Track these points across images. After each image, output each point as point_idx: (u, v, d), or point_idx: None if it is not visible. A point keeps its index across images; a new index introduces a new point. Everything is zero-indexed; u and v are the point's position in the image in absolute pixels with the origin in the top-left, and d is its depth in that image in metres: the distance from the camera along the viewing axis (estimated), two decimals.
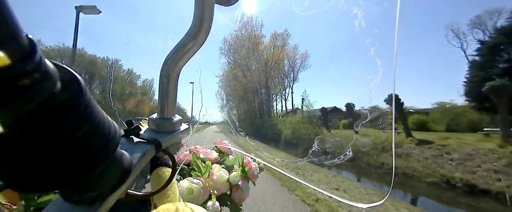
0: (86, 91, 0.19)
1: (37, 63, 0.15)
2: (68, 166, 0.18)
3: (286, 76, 35.38)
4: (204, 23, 0.36)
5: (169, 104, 0.41)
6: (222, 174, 0.79)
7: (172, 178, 0.41)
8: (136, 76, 39.48)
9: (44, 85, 0.15)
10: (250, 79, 34.21)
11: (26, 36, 0.14)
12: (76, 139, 0.18)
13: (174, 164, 0.41)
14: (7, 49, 0.13)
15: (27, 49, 0.14)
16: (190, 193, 0.68)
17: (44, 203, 0.52)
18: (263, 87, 34.15)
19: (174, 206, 0.40)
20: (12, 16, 0.13)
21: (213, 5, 0.37)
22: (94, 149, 0.20)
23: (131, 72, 38.06)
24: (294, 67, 34.65)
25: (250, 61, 34.03)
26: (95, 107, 0.20)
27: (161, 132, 0.39)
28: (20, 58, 0.14)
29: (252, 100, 36.19)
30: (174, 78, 0.40)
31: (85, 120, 0.18)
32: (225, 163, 0.90)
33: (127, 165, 0.26)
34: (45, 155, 0.17)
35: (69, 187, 0.22)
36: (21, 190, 0.18)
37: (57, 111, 0.16)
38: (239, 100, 37.15)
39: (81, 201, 0.24)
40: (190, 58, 0.40)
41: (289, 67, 34.85)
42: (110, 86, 1.79)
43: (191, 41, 0.37)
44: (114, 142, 0.22)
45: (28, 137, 0.16)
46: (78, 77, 0.18)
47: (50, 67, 0.16)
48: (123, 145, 0.31)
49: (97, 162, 0.20)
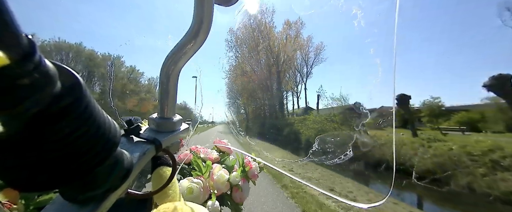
0: (86, 90, 0.19)
1: (37, 63, 0.15)
2: (69, 165, 0.18)
3: (298, 71, 30.25)
4: (204, 23, 0.36)
5: (169, 104, 0.41)
6: (222, 174, 0.80)
7: (172, 177, 0.41)
8: (140, 74, 37.35)
9: (44, 85, 0.15)
10: (260, 74, 30.03)
11: (25, 36, 0.14)
12: (76, 139, 0.18)
13: (175, 163, 0.41)
14: (6, 49, 0.13)
15: (26, 49, 0.14)
16: (190, 193, 0.68)
17: (44, 202, 0.52)
18: (275, 82, 29.51)
19: (174, 206, 0.40)
20: (12, 16, 0.13)
21: (213, 5, 0.37)
22: (94, 148, 0.20)
23: (133, 69, 36.05)
24: (308, 61, 29.47)
25: (260, 54, 29.74)
26: (95, 106, 0.20)
27: (161, 132, 0.39)
28: (20, 58, 0.14)
29: (261, 97, 31.75)
30: (174, 78, 0.40)
31: (85, 119, 0.18)
32: (226, 163, 0.90)
33: (127, 165, 0.26)
34: (45, 154, 0.17)
35: (69, 186, 0.22)
36: (22, 189, 0.18)
37: (57, 111, 0.16)
38: (247, 98, 33.23)
39: (82, 200, 0.24)
40: (190, 58, 0.40)
41: (302, 61, 29.68)
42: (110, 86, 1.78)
43: (191, 41, 0.38)
44: (114, 142, 0.22)
45: (28, 137, 0.16)
46: (78, 77, 0.18)
47: (50, 67, 0.16)
48: (123, 144, 0.31)
49: (97, 162, 0.20)
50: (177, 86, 0.41)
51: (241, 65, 32.00)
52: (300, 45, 28.89)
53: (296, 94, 30.54)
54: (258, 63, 30.39)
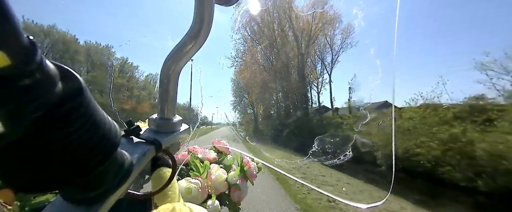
0: (87, 90, 0.18)
1: (38, 63, 0.15)
2: (69, 166, 0.18)
3: (320, 58, 21.63)
4: (204, 23, 0.36)
5: (169, 104, 0.40)
6: (220, 173, 0.79)
7: (172, 178, 0.41)
8: (133, 67, 31.80)
9: (45, 85, 0.15)
10: (277, 61, 21.60)
11: (26, 37, 0.14)
12: (76, 139, 0.18)
13: (175, 164, 0.41)
14: (7, 49, 0.13)
15: (27, 49, 0.14)
16: (188, 193, 0.68)
17: (39, 203, 0.51)
18: (299, 69, 20.94)
19: (174, 206, 0.40)
20: (12, 16, 0.13)
21: (213, 5, 0.37)
22: (95, 149, 0.20)
23: (124, 61, 30.11)
24: (333, 46, 20.96)
25: (276, 32, 21.08)
26: (95, 107, 0.20)
27: (161, 133, 0.39)
28: (21, 58, 0.14)
29: (278, 89, 23.47)
30: (174, 78, 0.40)
31: (85, 120, 0.18)
32: (224, 162, 0.90)
33: (127, 165, 0.26)
34: (45, 155, 0.17)
35: (69, 187, 0.22)
36: (22, 190, 0.18)
37: (57, 111, 0.16)
38: (259, 93, 25.28)
39: (81, 201, 0.24)
40: (190, 58, 0.40)
41: (325, 45, 21.15)
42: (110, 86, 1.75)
43: (191, 41, 0.37)
44: (114, 142, 0.22)
45: (29, 138, 0.16)
46: (79, 77, 0.18)
47: (51, 67, 0.16)
48: (123, 145, 0.31)
49: (97, 162, 0.20)
50: (177, 86, 0.41)
51: (251, 49, 23.85)
52: (331, 18, 20.14)
53: (316, 87, 22.01)
54: (274, 44, 21.54)
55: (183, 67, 0.40)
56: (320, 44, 21.32)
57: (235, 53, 25.22)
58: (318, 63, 21.94)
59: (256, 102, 28.07)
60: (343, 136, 6.05)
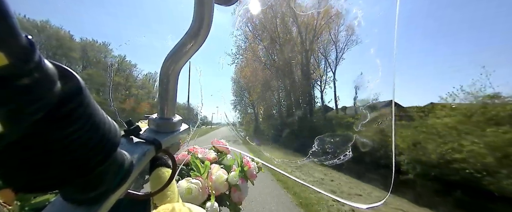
0: (86, 90, 0.18)
1: (36, 63, 0.15)
2: (69, 166, 0.18)
3: (323, 56, 20.98)
4: (204, 23, 0.36)
5: (169, 104, 0.40)
6: (221, 174, 0.79)
7: (172, 178, 0.41)
8: (131, 65, 30.97)
9: (44, 85, 0.15)
10: (281, 52, 20.63)
11: (25, 36, 0.14)
12: (76, 139, 0.18)
13: (174, 164, 0.41)
14: (5, 48, 0.13)
15: (26, 48, 0.14)
16: (189, 193, 0.68)
17: (39, 203, 0.51)
18: (303, 66, 20.32)
19: (173, 206, 0.40)
20: (11, 16, 0.13)
21: (213, 5, 0.37)
22: (94, 149, 0.20)
23: (122, 59, 29.23)
24: (337, 43, 20.34)
25: (278, 26, 20.27)
26: (94, 106, 0.20)
27: (161, 132, 0.38)
28: (19, 57, 0.14)
29: (281, 88, 22.76)
30: (174, 78, 0.40)
31: (85, 119, 0.18)
32: (224, 162, 0.90)
33: (127, 165, 0.26)
34: (45, 155, 0.17)
35: (69, 187, 0.22)
36: (22, 190, 0.18)
37: (57, 111, 0.16)
38: (260, 92, 24.48)
39: (81, 201, 0.24)
40: (190, 58, 0.39)
41: (329, 42, 20.56)
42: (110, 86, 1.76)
43: (191, 41, 0.37)
44: (114, 142, 0.22)
45: (29, 138, 0.16)
46: (78, 77, 0.18)
47: (50, 67, 0.16)
48: (123, 145, 0.31)
49: (97, 162, 0.20)
50: (177, 86, 0.41)
51: (252, 45, 23.00)
52: (337, 13, 19.38)
53: (320, 86, 21.29)
54: (276, 39, 20.70)
55: (183, 67, 0.40)
56: (324, 41, 20.80)
57: (236, 49, 24.51)
58: (321, 61, 21.38)
59: (257, 101, 27.26)
60: (356, 138, 5.44)
